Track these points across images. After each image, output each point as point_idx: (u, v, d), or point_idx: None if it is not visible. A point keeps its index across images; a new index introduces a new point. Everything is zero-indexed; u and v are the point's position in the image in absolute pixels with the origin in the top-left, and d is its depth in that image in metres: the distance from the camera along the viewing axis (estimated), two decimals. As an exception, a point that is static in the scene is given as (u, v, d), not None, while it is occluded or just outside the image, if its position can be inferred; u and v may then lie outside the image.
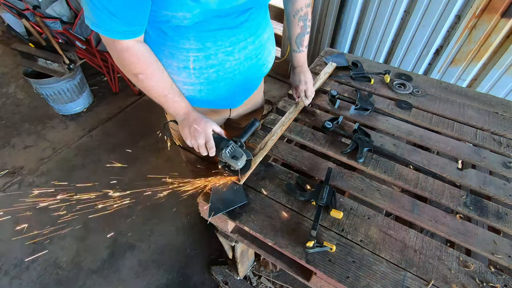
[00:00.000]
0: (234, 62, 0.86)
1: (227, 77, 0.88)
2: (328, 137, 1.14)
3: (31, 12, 2.01)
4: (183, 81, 0.86)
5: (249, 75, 0.94)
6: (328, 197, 0.91)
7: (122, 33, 0.68)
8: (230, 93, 0.96)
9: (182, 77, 0.85)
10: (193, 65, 0.82)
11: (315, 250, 0.80)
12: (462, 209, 0.93)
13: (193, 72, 0.84)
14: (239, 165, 0.85)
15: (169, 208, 1.88)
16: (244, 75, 0.92)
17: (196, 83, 0.87)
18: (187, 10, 0.67)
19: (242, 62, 0.88)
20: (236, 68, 0.87)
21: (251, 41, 0.86)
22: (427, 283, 0.76)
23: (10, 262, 1.62)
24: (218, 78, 0.87)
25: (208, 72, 0.85)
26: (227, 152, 0.84)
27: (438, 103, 1.33)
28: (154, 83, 0.79)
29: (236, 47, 0.83)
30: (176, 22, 0.70)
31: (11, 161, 2.15)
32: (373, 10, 1.96)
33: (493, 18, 1.62)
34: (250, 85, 1.02)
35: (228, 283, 1.52)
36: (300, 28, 1.05)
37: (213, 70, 0.84)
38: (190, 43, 0.77)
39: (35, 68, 2.21)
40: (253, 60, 0.90)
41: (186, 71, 0.83)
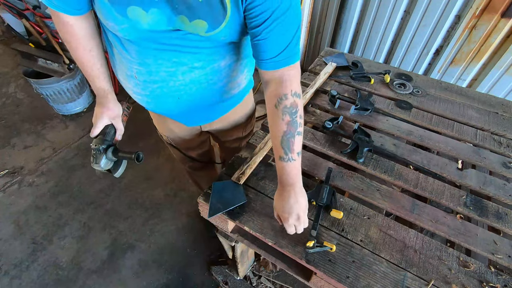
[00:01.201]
0: (178, 83, 0.79)
1: (173, 95, 0.83)
2: (328, 137, 1.14)
3: (31, 12, 2.01)
4: (132, 89, 0.86)
5: (200, 98, 0.86)
6: (328, 197, 0.91)
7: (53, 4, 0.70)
8: (181, 111, 0.91)
9: (131, 85, 0.85)
10: (137, 76, 0.79)
11: (315, 250, 0.80)
12: (462, 209, 0.93)
13: (139, 83, 0.82)
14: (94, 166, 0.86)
15: (169, 208, 1.88)
16: (193, 96, 0.84)
17: (143, 94, 0.85)
18: (114, 22, 0.66)
19: (188, 84, 0.80)
20: (181, 89, 0.81)
21: (199, 66, 0.76)
22: (427, 283, 0.76)
23: (10, 262, 1.62)
24: (163, 94, 0.82)
25: (152, 87, 0.81)
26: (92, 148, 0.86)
27: (438, 103, 1.33)
28: (76, 55, 0.81)
29: (179, 69, 0.76)
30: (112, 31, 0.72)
31: (11, 161, 2.15)
32: (373, 10, 1.96)
33: (493, 18, 1.62)
34: (205, 108, 0.93)
35: (228, 283, 1.52)
36: (287, 125, 0.71)
37: (156, 85, 0.80)
38: (132, 56, 0.75)
39: (35, 68, 2.21)
40: (202, 84, 0.82)
41: (133, 80, 0.82)
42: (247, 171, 0.97)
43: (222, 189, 0.93)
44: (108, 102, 0.89)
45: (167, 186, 2.00)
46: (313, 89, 1.31)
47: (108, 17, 0.66)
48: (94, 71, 0.84)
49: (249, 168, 0.97)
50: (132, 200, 1.92)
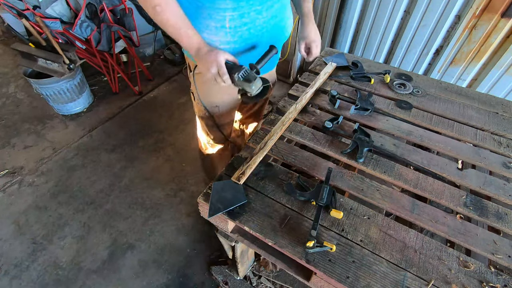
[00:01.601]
0: (262, 20, 0.97)
1: (257, 34, 1.00)
2: (328, 137, 1.14)
3: (31, 12, 2.01)
4: (219, 40, 0.97)
5: (273, 34, 1.05)
6: (328, 197, 0.91)
7: None
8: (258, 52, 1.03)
9: (219, 36, 0.95)
10: (229, 24, 0.93)
11: (315, 250, 0.80)
12: (462, 209, 0.93)
13: (229, 31, 0.95)
14: (253, 89, 0.88)
15: (169, 208, 1.88)
16: (270, 33, 1.03)
17: (231, 42, 0.98)
18: None
19: (269, 20, 0.99)
20: (264, 26, 0.99)
21: (276, 0, 0.98)
22: (427, 283, 0.76)
23: (10, 262, 1.62)
24: (250, 36, 0.99)
25: (242, 30, 0.96)
26: (240, 76, 0.85)
27: (438, 103, 1.33)
28: (169, 15, 0.84)
29: (264, 6, 0.95)
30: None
31: (11, 161, 2.15)
32: (373, 10, 1.96)
33: (493, 18, 1.62)
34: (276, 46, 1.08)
35: (228, 283, 1.52)
36: None
37: (246, 28, 0.96)
38: (226, 3, 0.88)
39: (35, 68, 2.21)
40: (277, 18, 1.02)
41: (223, 30, 0.94)
42: (247, 171, 0.96)
43: (222, 189, 0.92)
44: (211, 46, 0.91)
45: (167, 186, 2.00)
46: (313, 89, 1.32)
47: None
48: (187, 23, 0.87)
49: (249, 168, 0.97)
50: (132, 200, 1.92)
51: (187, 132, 2.39)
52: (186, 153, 2.23)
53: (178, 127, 2.43)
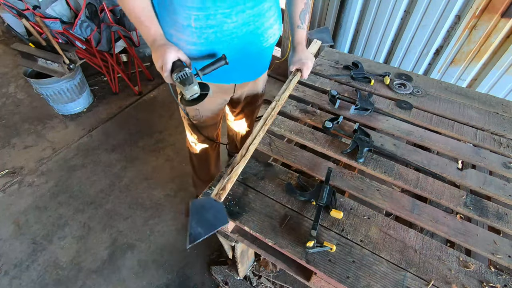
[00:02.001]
0: (232, 25, 0.91)
1: (225, 40, 0.93)
2: (328, 137, 1.14)
3: (31, 12, 2.01)
4: (186, 40, 0.93)
5: (246, 42, 0.98)
6: (328, 197, 0.91)
7: None
8: (230, 59, 0.96)
9: (186, 35, 0.91)
10: (195, 24, 0.88)
11: (315, 250, 0.80)
12: (462, 209, 0.93)
13: (195, 31, 0.90)
14: (186, 93, 0.84)
15: (169, 208, 1.88)
16: (241, 40, 0.96)
17: (198, 43, 0.93)
18: None
19: (240, 26, 0.92)
20: (234, 31, 0.92)
21: (249, 6, 0.90)
22: (427, 283, 0.76)
23: (10, 262, 1.62)
24: (217, 40, 0.93)
25: (208, 32, 0.90)
26: (177, 76, 0.82)
27: (438, 103, 1.33)
28: (134, 4, 0.83)
29: (234, 10, 0.88)
30: None
31: (11, 161, 2.15)
32: (373, 10, 1.96)
33: (493, 18, 1.62)
34: (249, 56, 1.04)
35: (228, 283, 1.52)
36: (304, 4, 1.09)
37: (212, 30, 0.90)
38: (192, 1, 0.84)
39: (35, 68, 2.21)
40: (250, 26, 0.95)
41: (189, 29, 0.90)
42: (228, 186, 0.84)
43: (202, 208, 0.80)
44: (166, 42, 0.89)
45: (167, 186, 2.00)
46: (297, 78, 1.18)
47: None
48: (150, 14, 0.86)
49: (230, 181, 0.85)
50: (132, 200, 1.91)
51: (187, 132, 2.39)
52: (186, 153, 2.22)
53: (178, 127, 2.43)
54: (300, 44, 1.14)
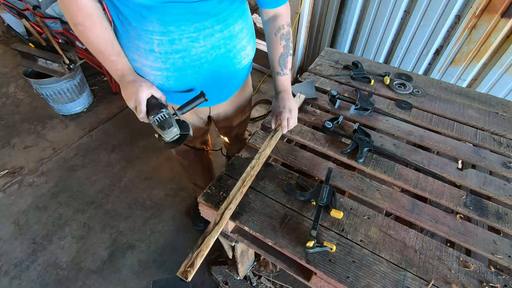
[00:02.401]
0: (200, 49, 0.83)
1: (194, 65, 0.86)
2: (328, 137, 1.14)
3: (31, 12, 2.01)
4: (150, 66, 0.84)
5: (217, 65, 0.90)
6: (328, 197, 0.91)
7: None
8: (199, 85, 0.92)
9: (150, 60, 0.83)
10: (158, 48, 0.80)
11: (315, 250, 0.80)
12: (462, 209, 0.93)
13: (159, 56, 0.81)
14: (166, 136, 0.79)
15: (169, 208, 1.88)
16: (212, 64, 0.88)
17: (163, 68, 0.84)
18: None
19: (209, 50, 0.85)
20: (202, 56, 0.85)
21: (218, 29, 0.83)
22: (427, 283, 0.76)
23: (10, 262, 1.62)
24: (185, 65, 0.85)
25: (174, 58, 0.82)
26: (155, 119, 0.77)
27: (438, 103, 1.33)
28: (92, 37, 0.77)
29: (201, 34, 0.80)
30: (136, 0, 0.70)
31: (11, 161, 2.15)
32: (373, 10, 1.96)
33: (493, 18, 1.62)
34: (221, 79, 0.97)
35: (228, 283, 1.52)
36: (283, 48, 0.98)
37: (178, 55, 0.82)
38: (153, 26, 0.76)
39: (35, 68, 2.21)
40: (221, 49, 0.87)
41: (153, 54, 0.81)
42: (197, 261, 0.75)
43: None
44: (136, 76, 0.85)
45: (167, 186, 2.00)
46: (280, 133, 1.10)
47: None
48: (114, 48, 0.81)
49: (199, 256, 0.76)
50: (132, 200, 1.91)
51: (187, 132, 2.38)
52: (186, 153, 2.23)
53: (178, 127, 2.43)
54: (282, 92, 1.05)
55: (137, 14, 0.74)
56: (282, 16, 0.94)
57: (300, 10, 2.18)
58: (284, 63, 1.00)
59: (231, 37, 0.87)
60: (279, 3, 0.92)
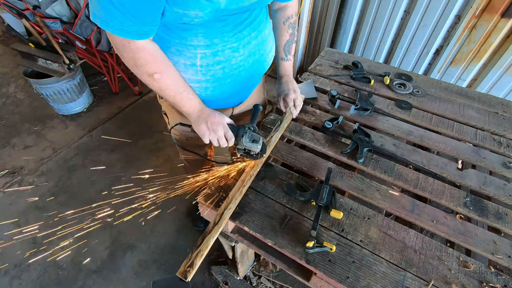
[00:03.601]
0: (239, 58, 0.87)
1: (233, 73, 0.90)
2: (328, 137, 1.14)
3: (31, 12, 2.01)
4: (189, 79, 0.87)
5: (252, 72, 0.95)
6: (328, 197, 0.91)
7: (135, 33, 0.68)
8: (234, 91, 0.97)
9: (189, 74, 0.86)
10: (200, 62, 0.83)
11: (315, 250, 0.80)
12: (462, 209, 0.93)
13: (200, 70, 0.84)
14: (259, 148, 0.90)
15: (169, 208, 1.88)
16: (248, 71, 0.93)
17: (202, 81, 0.88)
18: (199, 8, 0.68)
19: (247, 57, 0.89)
20: (241, 64, 0.89)
21: (254, 36, 0.88)
22: (427, 283, 0.76)
23: (10, 262, 1.62)
24: (224, 75, 0.89)
25: (215, 69, 0.86)
26: (247, 137, 0.89)
27: (438, 103, 1.33)
28: (170, 81, 0.81)
29: (241, 43, 0.85)
30: (186, 20, 0.71)
31: (11, 161, 2.15)
32: (373, 10, 1.96)
33: (493, 18, 1.62)
34: (252, 82, 1.03)
35: (228, 283, 1.52)
36: (289, 35, 1.05)
37: (219, 66, 0.86)
38: (198, 40, 0.79)
39: (35, 68, 2.21)
40: (256, 55, 0.92)
41: (193, 68, 0.84)
42: (197, 261, 0.76)
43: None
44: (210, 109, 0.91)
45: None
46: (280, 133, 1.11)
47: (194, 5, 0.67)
48: (187, 86, 0.86)
49: (199, 256, 0.78)
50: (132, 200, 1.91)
51: (187, 132, 2.39)
52: (186, 153, 2.23)
53: (178, 127, 2.43)
54: (284, 76, 1.12)
55: (179, 32, 0.77)
56: (292, 7, 1.02)
57: (300, 10, 2.17)
58: (288, 50, 1.07)
59: (263, 42, 0.92)
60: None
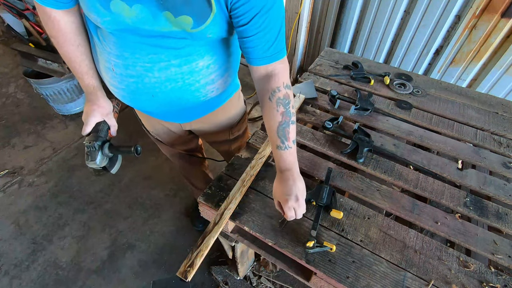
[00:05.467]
0: (153, 80, 0.78)
1: (148, 92, 0.81)
2: (328, 137, 1.14)
3: (31, 12, 2.01)
4: (109, 81, 0.84)
5: (174, 98, 0.84)
6: (328, 197, 0.91)
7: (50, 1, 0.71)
8: (155, 109, 0.90)
9: (109, 77, 0.83)
10: (115, 69, 0.79)
11: (315, 250, 0.80)
12: (462, 209, 0.93)
13: (116, 76, 0.80)
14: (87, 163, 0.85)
15: (169, 208, 1.88)
16: (167, 95, 0.82)
17: (120, 88, 0.83)
18: (97, 14, 0.66)
19: (163, 81, 0.78)
20: (156, 86, 0.79)
21: (176, 64, 0.75)
22: (427, 283, 0.76)
23: (10, 262, 1.62)
24: (139, 91, 0.81)
25: (129, 81, 0.80)
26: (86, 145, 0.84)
27: (438, 103, 1.33)
28: (63, 51, 0.80)
29: (155, 66, 0.75)
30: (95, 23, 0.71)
31: (11, 161, 2.15)
32: (373, 10, 1.96)
33: (493, 18, 1.62)
34: (180, 108, 0.90)
35: (228, 283, 1.51)
36: (282, 115, 0.76)
37: (132, 80, 0.79)
38: (111, 48, 0.75)
39: (35, 68, 2.21)
40: (178, 83, 0.80)
41: (111, 72, 0.81)
42: (197, 261, 0.75)
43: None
44: (98, 99, 0.88)
45: (166, 186, 2.00)
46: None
47: (92, 9, 0.65)
48: (82, 67, 0.83)
49: (199, 256, 0.76)
50: (132, 200, 1.91)
51: (187, 132, 2.39)
52: (186, 153, 2.23)
53: (178, 127, 2.43)
54: (285, 171, 0.79)
55: (100, 34, 0.76)
56: (277, 75, 0.75)
57: (300, 10, 2.17)
58: (284, 135, 0.77)
59: (191, 72, 0.79)
60: (274, 58, 0.74)
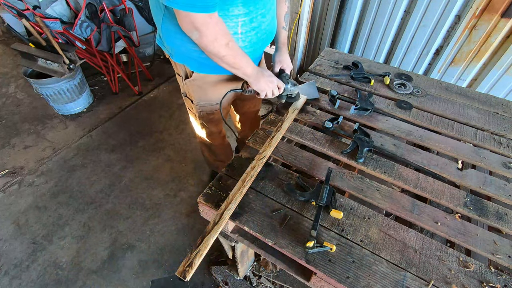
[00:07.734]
0: (266, 23, 1.02)
1: (263, 38, 1.05)
2: (328, 137, 1.14)
3: (31, 12, 2.01)
4: None
5: (272, 35, 1.12)
6: (328, 197, 0.91)
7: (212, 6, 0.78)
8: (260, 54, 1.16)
9: None
10: (241, 29, 0.95)
11: (315, 250, 0.80)
12: (462, 209, 0.93)
13: (241, 37, 0.97)
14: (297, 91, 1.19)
15: (169, 208, 1.88)
16: (271, 35, 1.10)
17: (243, 47, 0.99)
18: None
19: (270, 22, 1.05)
20: (267, 29, 1.04)
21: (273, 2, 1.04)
22: (427, 283, 0.76)
23: (10, 262, 1.62)
24: (258, 40, 1.03)
25: (251, 35, 0.99)
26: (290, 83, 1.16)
27: (438, 103, 1.33)
28: (236, 47, 0.91)
29: (267, 9, 0.99)
30: None
31: (11, 161, 2.15)
32: (373, 10, 1.96)
33: (493, 18, 1.62)
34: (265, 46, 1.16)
35: (228, 283, 1.51)
36: (287, 7, 1.20)
37: (254, 32, 0.99)
38: (239, 9, 0.90)
39: (35, 68, 2.21)
40: (274, 20, 1.08)
41: (235, 36, 0.95)
42: (196, 261, 0.75)
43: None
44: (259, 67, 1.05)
45: (167, 186, 2.00)
46: (281, 133, 1.11)
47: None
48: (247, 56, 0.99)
49: (199, 255, 0.76)
50: (132, 200, 1.91)
51: (187, 132, 2.39)
52: (186, 153, 2.23)
53: (178, 127, 2.43)
54: (284, 45, 1.24)
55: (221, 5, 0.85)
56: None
57: (300, 10, 2.17)
58: (287, 20, 1.22)
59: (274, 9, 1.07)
60: None
